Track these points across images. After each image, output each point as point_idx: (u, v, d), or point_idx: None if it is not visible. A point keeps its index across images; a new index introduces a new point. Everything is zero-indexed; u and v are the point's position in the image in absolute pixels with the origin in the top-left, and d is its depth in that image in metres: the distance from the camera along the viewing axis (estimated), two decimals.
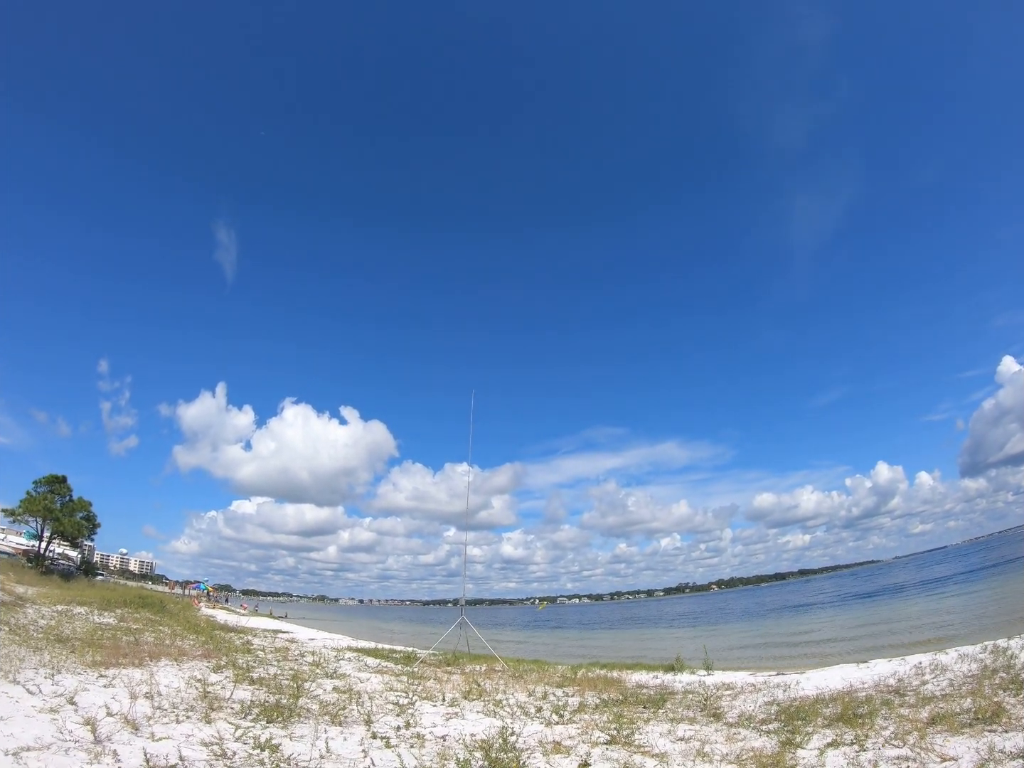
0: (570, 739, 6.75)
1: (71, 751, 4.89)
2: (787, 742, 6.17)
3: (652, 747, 6.38)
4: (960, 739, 5.49)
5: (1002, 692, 6.81)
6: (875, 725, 6.38)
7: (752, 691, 10.01)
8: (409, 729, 7.07)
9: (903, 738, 5.74)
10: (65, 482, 41.19)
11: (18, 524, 40.06)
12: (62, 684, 7.41)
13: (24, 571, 33.24)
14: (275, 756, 5.37)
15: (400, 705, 8.59)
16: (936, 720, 6.12)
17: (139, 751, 5.03)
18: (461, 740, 6.57)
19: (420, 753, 5.97)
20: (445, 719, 7.86)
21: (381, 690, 10.13)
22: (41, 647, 10.07)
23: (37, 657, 9.04)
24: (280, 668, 11.86)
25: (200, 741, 5.64)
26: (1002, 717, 5.83)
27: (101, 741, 5.26)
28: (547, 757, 5.98)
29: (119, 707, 6.50)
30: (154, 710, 6.64)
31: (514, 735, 6.50)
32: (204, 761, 5.07)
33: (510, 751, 5.75)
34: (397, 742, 6.39)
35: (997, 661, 8.54)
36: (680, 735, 6.93)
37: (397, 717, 7.73)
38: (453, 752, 5.97)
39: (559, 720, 7.89)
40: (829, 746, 5.90)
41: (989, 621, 18.23)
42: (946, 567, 69.35)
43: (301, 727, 6.66)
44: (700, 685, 11.10)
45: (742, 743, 6.40)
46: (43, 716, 5.84)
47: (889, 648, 16.23)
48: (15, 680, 7.23)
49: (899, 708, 7.02)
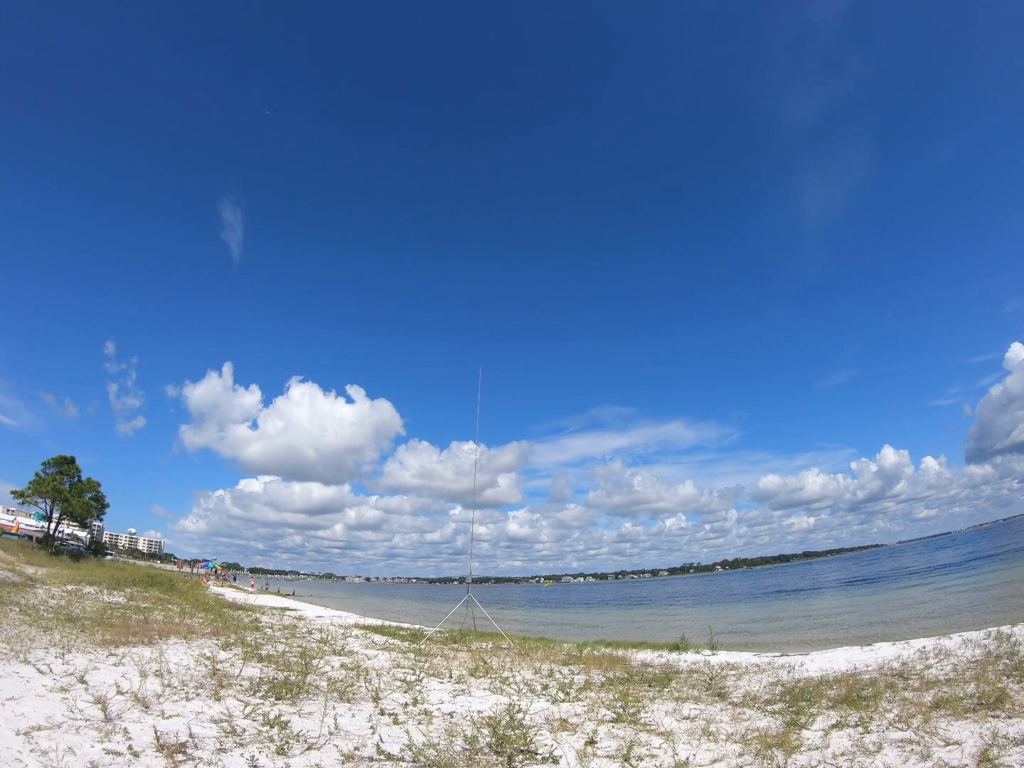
0: (576, 716, 6.80)
1: (82, 730, 4.94)
2: (792, 723, 6.19)
3: (658, 725, 6.42)
4: (964, 723, 5.48)
5: (1006, 678, 6.79)
6: (879, 708, 6.38)
7: (756, 671, 10.06)
8: (417, 706, 7.14)
9: (907, 721, 5.74)
10: (73, 463, 41.59)
11: (27, 505, 40.43)
12: (72, 663, 7.50)
13: (34, 552, 33.69)
14: (284, 732, 5.42)
15: (407, 682, 8.68)
16: (940, 704, 6.12)
17: (149, 729, 5.08)
18: (468, 717, 6.63)
19: (428, 730, 6.03)
20: (452, 696, 7.93)
21: (388, 667, 10.24)
22: (51, 627, 10.21)
23: (48, 637, 9.16)
24: (288, 645, 12.00)
25: (210, 718, 5.70)
26: (1006, 703, 5.82)
27: (112, 719, 5.31)
28: (554, 734, 6.02)
29: (129, 685, 6.58)
30: (164, 688, 6.72)
31: (521, 712, 6.56)
32: (214, 738, 5.12)
33: (517, 728, 5.79)
34: (405, 719, 6.46)
35: (1001, 647, 8.53)
36: (685, 714, 6.97)
37: (405, 694, 7.81)
38: (460, 729, 6.03)
39: (565, 698, 7.95)
40: (833, 727, 5.91)
41: (993, 607, 18.27)
42: (951, 552, 69.52)
43: (310, 704, 6.73)
44: (705, 665, 11.17)
45: (747, 723, 6.42)
46: (54, 695, 5.91)
47: (893, 632, 16.31)
48: (26, 660, 7.33)
49: (903, 691, 7.03)
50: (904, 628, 16.73)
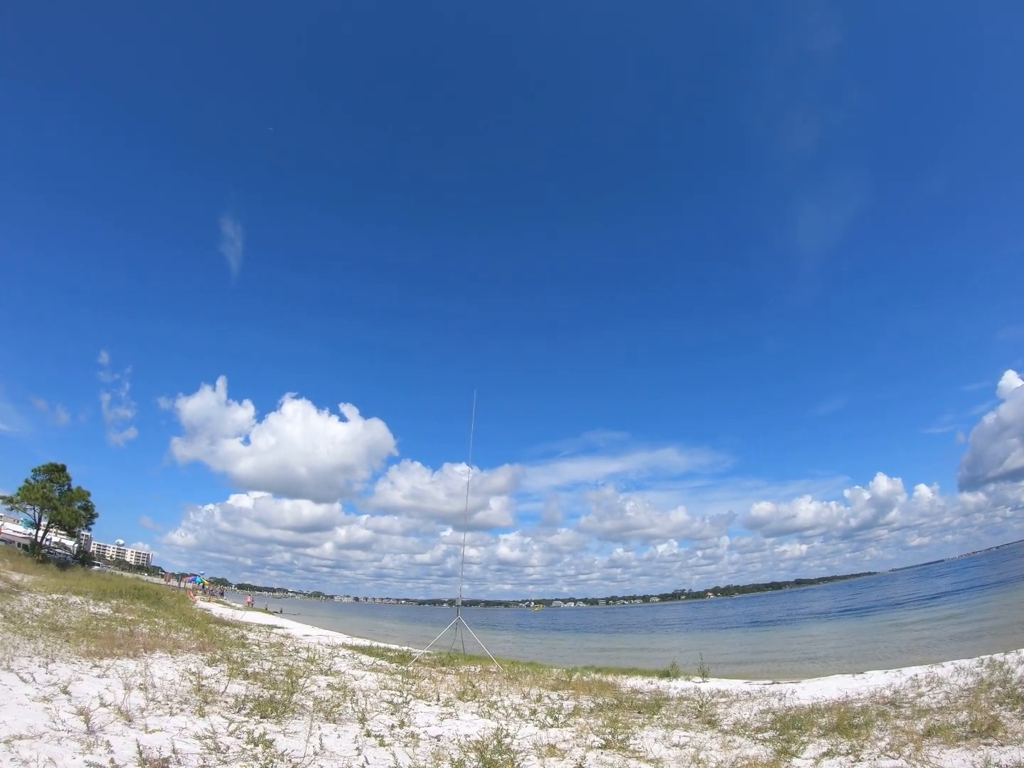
0: (565, 742, 6.72)
1: (64, 741, 4.87)
2: (782, 751, 6.14)
3: (647, 752, 6.35)
4: (956, 752, 5.47)
5: (998, 706, 6.78)
6: (871, 736, 6.34)
7: (747, 699, 9.97)
8: (403, 728, 7.04)
9: (899, 749, 5.71)
10: (64, 471, 41.21)
11: (16, 512, 39.97)
12: (56, 673, 7.39)
13: (20, 559, 33.21)
14: (269, 751, 5.34)
15: (395, 704, 8.56)
16: (932, 732, 6.09)
17: (132, 742, 5.00)
18: (455, 740, 6.54)
19: (414, 752, 5.94)
20: (440, 719, 7.83)
21: (376, 688, 10.10)
22: (36, 635, 10.06)
23: (31, 645, 9.03)
24: (275, 663, 11.83)
25: (193, 734, 5.62)
26: (998, 731, 5.81)
27: (94, 731, 5.24)
28: (542, 760, 5.95)
29: (113, 698, 6.48)
30: (148, 702, 6.62)
31: (509, 737, 6.48)
32: (197, 754, 5.05)
33: (505, 753, 5.72)
34: (391, 741, 6.37)
35: (993, 675, 8.50)
36: (675, 741, 6.90)
37: (391, 716, 7.70)
38: (447, 752, 5.95)
39: (554, 723, 7.86)
40: (824, 756, 5.87)
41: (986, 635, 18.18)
42: (945, 580, 69.19)
43: (295, 723, 6.64)
44: (695, 692, 11.06)
45: (737, 751, 6.37)
46: (36, 705, 5.82)
47: (885, 660, 16.18)
48: (9, 668, 7.22)
49: (895, 719, 6.99)
50: (897, 656, 16.60)
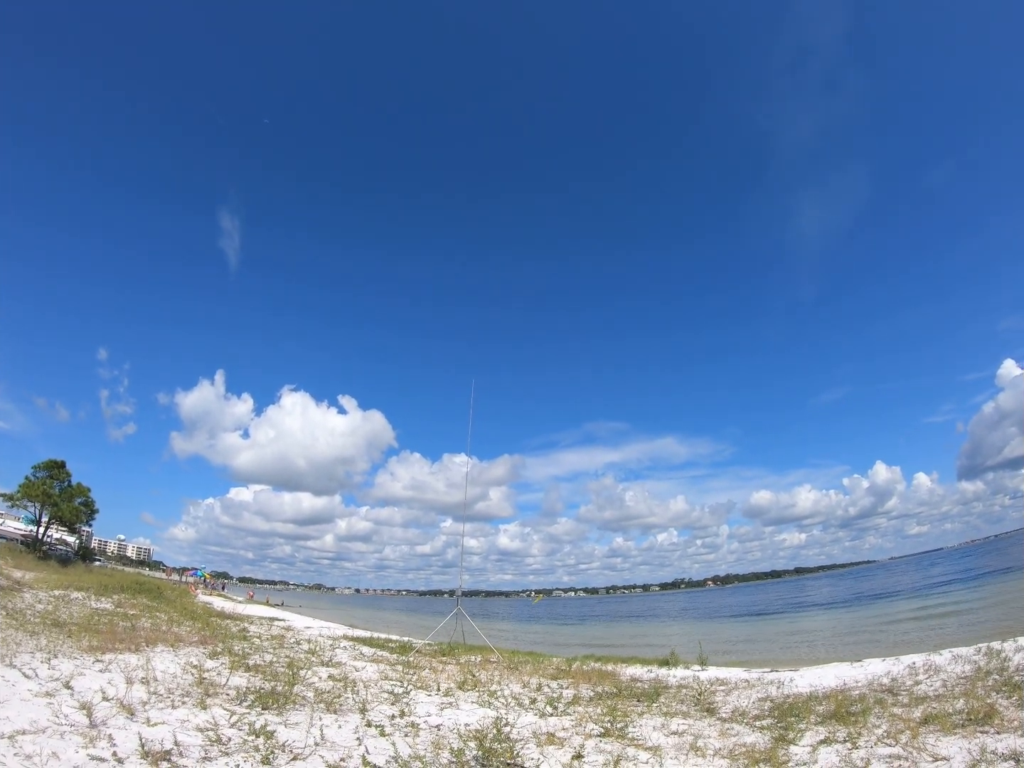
0: (564, 731, 6.78)
1: (67, 735, 4.90)
2: (780, 738, 6.20)
3: (646, 740, 6.41)
4: (952, 739, 5.51)
5: (995, 694, 6.82)
6: (868, 723, 6.39)
7: (746, 687, 10.05)
8: (404, 718, 7.09)
9: (895, 737, 5.76)
10: (64, 467, 41.22)
11: (16, 509, 40.03)
12: (58, 668, 7.44)
13: (21, 556, 33.31)
14: (270, 742, 5.39)
15: (395, 694, 8.62)
16: (929, 720, 6.14)
17: (134, 736, 5.04)
18: (455, 730, 6.60)
19: (414, 742, 5.99)
20: (440, 709, 7.88)
21: (376, 679, 10.17)
22: (38, 631, 10.11)
23: (34, 641, 9.07)
24: (276, 655, 11.89)
25: (195, 727, 5.66)
26: (995, 718, 5.85)
27: (97, 725, 5.27)
28: (541, 748, 6.01)
29: (115, 692, 6.52)
30: (150, 695, 6.67)
31: (508, 726, 6.53)
32: (199, 746, 5.09)
33: (504, 741, 5.76)
34: (392, 731, 6.42)
35: (991, 663, 8.55)
36: (674, 729, 6.96)
37: (392, 706, 7.76)
38: (447, 741, 6.00)
39: (553, 712, 7.92)
40: (822, 743, 5.92)
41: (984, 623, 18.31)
42: (943, 568, 69.63)
43: (296, 714, 6.68)
44: (694, 680, 11.14)
45: (735, 738, 6.43)
46: (39, 700, 5.86)
47: (883, 648, 16.30)
48: (12, 664, 7.26)
49: (892, 707, 7.04)
50: (894, 644, 16.73)
